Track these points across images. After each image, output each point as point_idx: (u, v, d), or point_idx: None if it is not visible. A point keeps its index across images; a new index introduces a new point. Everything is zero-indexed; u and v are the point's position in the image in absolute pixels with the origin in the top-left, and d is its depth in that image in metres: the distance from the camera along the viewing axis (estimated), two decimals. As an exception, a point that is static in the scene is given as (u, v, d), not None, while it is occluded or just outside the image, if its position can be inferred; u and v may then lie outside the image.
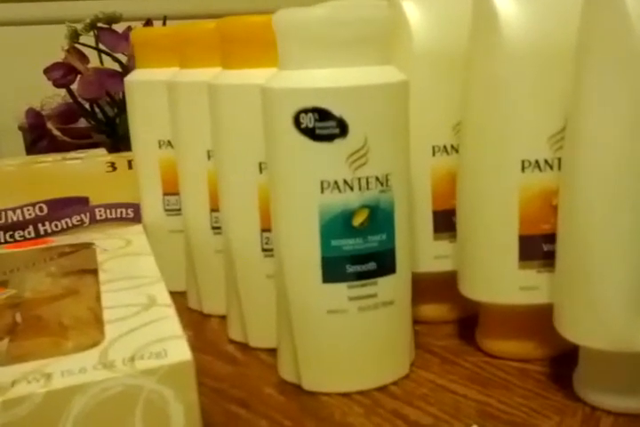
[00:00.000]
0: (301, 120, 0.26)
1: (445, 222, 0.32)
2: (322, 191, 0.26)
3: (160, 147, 0.39)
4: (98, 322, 0.25)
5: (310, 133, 0.26)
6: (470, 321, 0.32)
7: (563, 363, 0.29)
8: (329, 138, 0.26)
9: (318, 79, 0.26)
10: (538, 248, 0.28)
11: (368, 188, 0.27)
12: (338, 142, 0.26)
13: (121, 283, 0.29)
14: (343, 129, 0.26)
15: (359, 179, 0.26)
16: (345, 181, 0.26)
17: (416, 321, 0.33)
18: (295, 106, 0.26)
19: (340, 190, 0.26)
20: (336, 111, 0.26)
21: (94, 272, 0.31)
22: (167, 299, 0.27)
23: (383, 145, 0.27)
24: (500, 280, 0.29)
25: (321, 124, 0.26)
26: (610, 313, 0.24)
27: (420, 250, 0.33)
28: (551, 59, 0.27)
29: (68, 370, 0.21)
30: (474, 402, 0.27)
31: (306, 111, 0.26)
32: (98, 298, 0.28)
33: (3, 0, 0.71)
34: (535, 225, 0.28)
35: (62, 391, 0.20)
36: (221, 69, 0.31)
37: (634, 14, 0.22)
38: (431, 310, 0.34)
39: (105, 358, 0.22)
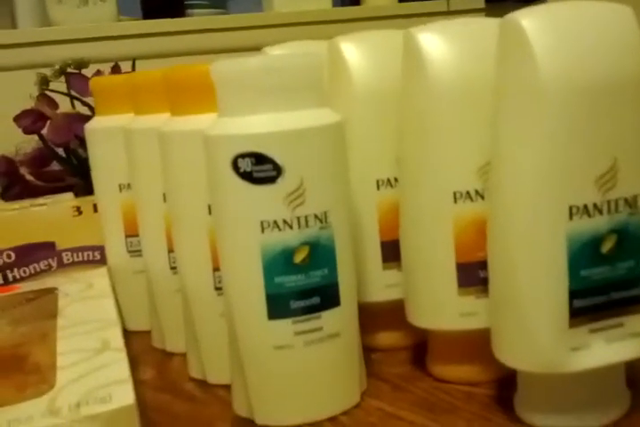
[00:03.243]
0: (239, 165, 0.27)
1: (394, 252, 0.33)
2: (262, 231, 0.27)
3: (121, 190, 0.40)
4: (52, 368, 0.26)
5: (248, 177, 0.27)
6: (424, 347, 0.33)
7: (509, 385, 0.29)
8: (266, 180, 0.27)
9: (253, 125, 0.27)
10: (475, 275, 0.29)
11: (307, 225, 0.28)
12: (275, 184, 0.27)
13: (78, 328, 0.30)
14: (279, 171, 0.27)
15: (298, 218, 0.28)
16: (284, 221, 0.27)
17: (372, 349, 0.35)
18: (232, 151, 0.27)
19: (279, 229, 0.27)
20: (271, 155, 0.27)
21: (55, 317, 0.32)
22: (120, 343, 0.28)
23: (320, 184, 0.28)
24: (440, 307, 0.30)
25: (258, 168, 0.27)
26: (537, 337, 0.25)
27: (370, 280, 0.34)
28: (475, 96, 0.28)
29: (16, 419, 0.22)
30: (420, 428, 0.27)
31: (243, 156, 0.27)
32: (55, 344, 0.29)
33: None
34: (471, 253, 0.29)
35: (8, 439, 0.21)
36: (170, 116, 0.33)
37: (540, 56, 0.24)
38: (386, 338, 0.35)
39: (53, 404, 0.23)
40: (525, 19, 0.24)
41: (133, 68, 0.65)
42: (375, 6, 0.92)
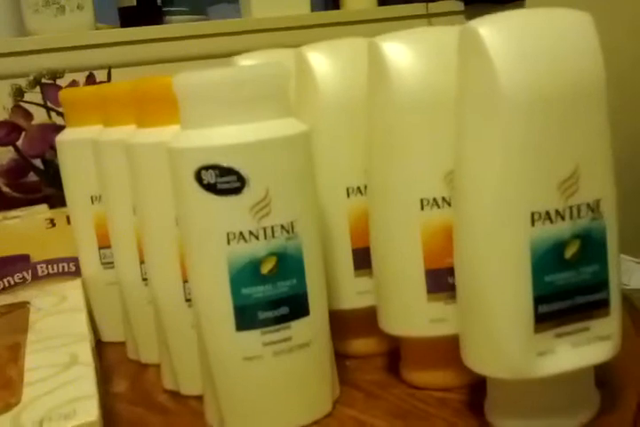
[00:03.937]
0: (203, 177, 0.27)
1: (365, 259, 0.33)
2: (228, 242, 0.27)
3: (93, 202, 0.40)
4: (20, 384, 0.26)
5: (212, 189, 0.27)
6: (399, 353, 0.33)
7: (481, 390, 0.30)
8: (231, 192, 0.27)
9: (216, 137, 0.27)
10: (444, 281, 0.30)
11: (274, 236, 0.28)
12: (240, 195, 0.27)
13: (47, 342, 0.30)
14: (243, 182, 0.27)
15: (264, 228, 0.28)
16: (250, 232, 0.27)
17: (346, 356, 0.35)
18: (196, 164, 0.27)
19: (246, 240, 0.27)
20: (235, 166, 0.27)
21: (25, 332, 0.32)
22: (89, 357, 0.28)
23: (285, 194, 0.28)
24: (410, 314, 0.30)
25: (222, 180, 0.27)
26: (503, 343, 0.25)
27: (343, 287, 0.34)
28: (440, 104, 0.28)
29: (-22, 437, 0.22)
30: (391, 436, 0.27)
31: (206, 168, 0.27)
32: (23, 360, 0.29)
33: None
34: (439, 259, 0.29)
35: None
36: (136, 128, 0.33)
37: (498, 64, 0.24)
38: (360, 345, 0.35)
39: (17, 421, 0.23)
40: (483, 27, 0.24)
41: (109, 77, 0.64)
42: (354, 10, 0.92)
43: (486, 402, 0.28)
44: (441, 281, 0.30)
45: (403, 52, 0.29)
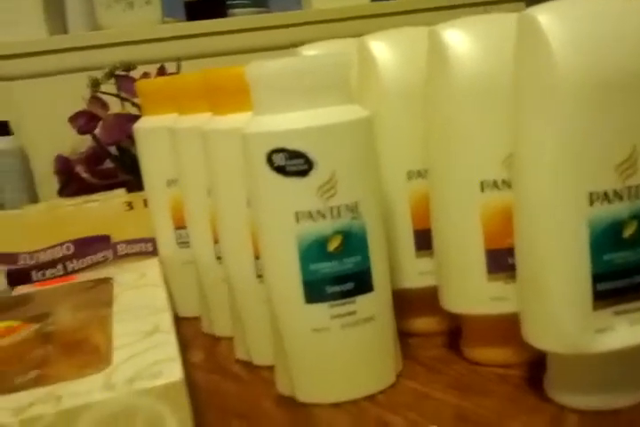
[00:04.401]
0: (273, 159, 0.29)
1: (427, 240, 0.35)
2: (297, 221, 0.29)
3: (169, 186, 0.42)
4: (109, 349, 0.29)
5: (282, 171, 0.29)
6: (459, 332, 0.35)
7: (540, 366, 0.30)
8: (299, 173, 0.29)
9: (286, 122, 0.29)
10: (504, 261, 0.31)
11: (340, 215, 0.29)
12: (307, 177, 0.29)
13: (131, 313, 0.33)
14: (311, 165, 0.29)
15: (330, 208, 0.29)
16: (318, 211, 0.29)
17: (409, 334, 0.36)
18: (267, 147, 0.29)
19: (313, 219, 0.29)
20: (303, 149, 0.29)
21: (110, 305, 0.35)
22: (169, 326, 0.31)
23: (350, 176, 0.30)
24: (471, 292, 0.31)
25: (291, 162, 0.29)
26: (562, 319, 0.26)
27: (404, 267, 0.35)
28: (499, 89, 0.29)
29: (76, 392, 0.25)
30: (451, 407, 0.29)
31: (276, 151, 0.29)
32: (111, 327, 0.31)
33: (26, 55, 0.77)
34: (499, 240, 0.30)
35: (70, 411, 0.24)
36: (211, 115, 0.35)
37: (556, 50, 0.25)
38: (422, 324, 0.37)
39: (109, 380, 0.25)
40: (542, 14, 0.25)
41: (178, 69, 0.67)
42: (413, 0, 0.92)
43: (546, 378, 0.29)
44: (501, 261, 0.31)
45: (462, 39, 0.30)
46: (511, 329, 0.31)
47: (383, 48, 0.34)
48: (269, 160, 0.29)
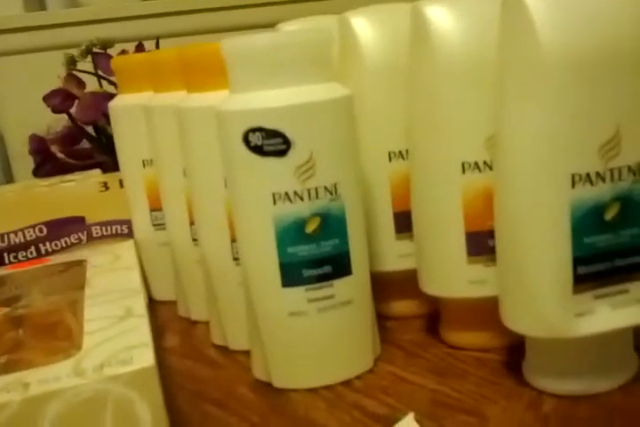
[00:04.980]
0: (250, 139, 0.28)
1: (407, 223, 0.34)
2: (274, 203, 0.28)
3: (144, 166, 0.41)
4: (80, 334, 0.28)
5: (259, 150, 0.28)
6: (438, 316, 0.34)
7: (519, 351, 0.30)
8: (277, 153, 0.28)
9: (263, 100, 0.28)
10: (484, 244, 0.30)
11: (317, 197, 0.29)
12: (285, 157, 0.28)
13: (104, 297, 0.32)
14: (289, 144, 0.28)
15: (308, 189, 0.29)
16: (295, 193, 0.28)
17: (387, 317, 0.36)
18: (243, 126, 0.28)
19: (291, 201, 0.28)
20: (280, 129, 0.28)
21: (83, 288, 0.34)
22: (142, 310, 0.30)
23: (329, 157, 0.29)
24: (450, 275, 0.31)
25: (268, 142, 0.28)
26: (542, 303, 0.26)
27: (384, 250, 0.35)
28: (482, 67, 0.29)
29: (44, 379, 0.24)
30: (429, 391, 0.28)
31: (253, 130, 0.28)
32: (82, 312, 0.31)
33: (1, 31, 0.75)
34: (480, 222, 0.30)
35: (37, 398, 0.23)
36: (186, 93, 0.34)
37: (540, 26, 0.24)
38: (401, 307, 0.36)
39: (78, 366, 0.25)
40: (527, -11, 0.24)
41: (157, 47, 0.66)
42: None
43: (524, 362, 0.29)
44: (481, 244, 0.30)
45: (445, 15, 0.29)
46: (490, 313, 0.30)
47: (365, 25, 0.34)
48: (246, 139, 0.28)
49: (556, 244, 0.25)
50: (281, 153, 0.28)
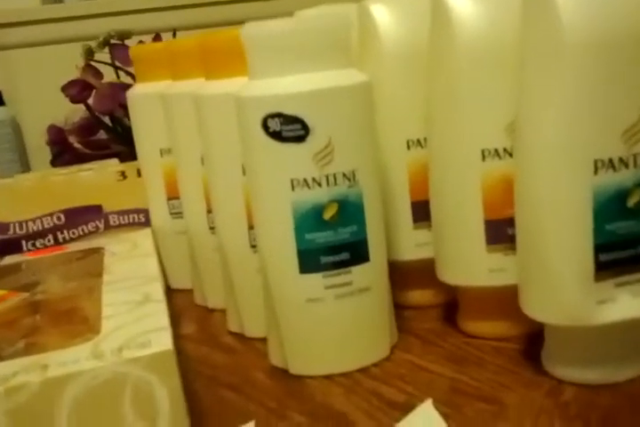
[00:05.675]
0: (269, 124, 0.28)
1: (424, 212, 0.34)
2: (292, 189, 0.28)
3: (162, 155, 0.41)
4: (98, 318, 0.28)
5: (278, 136, 0.28)
6: (456, 305, 0.34)
7: (537, 340, 0.30)
8: (295, 139, 0.28)
9: (281, 86, 0.28)
10: (503, 232, 0.30)
11: (336, 183, 0.29)
12: (304, 143, 0.28)
13: (122, 283, 0.32)
14: (307, 130, 0.28)
15: (327, 176, 0.28)
16: (313, 179, 0.28)
17: (405, 306, 0.36)
18: (262, 112, 0.28)
19: (309, 187, 0.28)
20: (299, 114, 0.28)
21: (101, 275, 0.34)
22: (160, 296, 0.30)
23: (347, 143, 0.29)
24: (469, 264, 0.31)
25: (287, 128, 0.28)
26: (563, 290, 0.25)
27: (402, 239, 0.35)
28: (502, 54, 0.28)
29: (63, 361, 0.24)
30: (447, 379, 0.28)
31: (272, 116, 0.28)
32: (100, 297, 0.31)
33: (19, 24, 0.76)
34: (499, 210, 0.30)
35: (56, 380, 0.23)
36: (204, 80, 0.34)
37: (562, 12, 0.24)
38: (418, 296, 0.36)
39: (97, 349, 0.25)
40: (550, -28, 0.24)
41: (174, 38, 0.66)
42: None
43: (543, 351, 0.28)
44: (500, 232, 0.30)
45: (465, 1, 0.29)
46: (509, 302, 0.30)
47: (384, 12, 0.33)
48: (265, 125, 0.28)
49: (578, 231, 0.25)
50: (299, 139, 0.28)
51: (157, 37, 0.64)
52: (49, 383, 0.23)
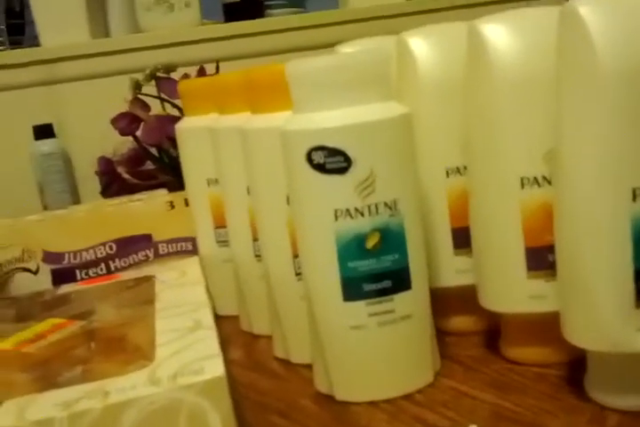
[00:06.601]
0: (313, 157, 0.29)
1: (465, 239, 0.35)
2: (336, 219, 0.29)
3: (209, 185, 0.43)
4: (152, 346, 0.29)
5: (321, 168, 0.29)
6: (498, 331, 0.34)
7: (579, 366, 0.30)
8: (338, 171, 0.29)
9: (325, 120, 0.29)
10: (544, 259, 0.30)
11: (378, 213, 0.30)
12: (346, 174, 0.29)
13: (173, 310, 0.34)
14: (350, 162, 0.29)
15: (369, 206, 0.29)
16: (356, 209, 0.29)
17: (447, 333, 0.36)
18: (306, 145, 0.29)
19: (352, 217, 0.29)
20: (342, 147, 0.29)
21: (152, 302, 0.36)
22: (210, 322, 0.31)
23: (388, 173, 0.30)
24: (510, 290, 0.31)
25: (330, 160, 0.29)
26: (604, 317, 0.26)
27: (442, 266, 0.35)
28: (539, 83, 0.29)
29: (122, 388, 0.25)
30: (490, 405, 0.29)
31: (316, 149, 0.29)
32: (153, 324, 0.32)
33: (69, 58, 0.79)
34: (539, 237, 0.30)
35: (116, 405, 0.24)
36: (250, 114, 0.35)
37: (597, 41, 0.24)
38: (460, 322, 0.36)
39: (153, 376, 0.26)
40: (584, 6, 0.25)
41: (217, 70, 0.68)
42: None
43: (586, 377, 0.29)
44: (541, 259, 0.30)
45: (502, 33, 0.30)
46: (550, 328, 0.31)
47: (421, 44, 0.34)
48: (309, 158, 0.29)
49: (617, 258, 0.25)
50: (342, 170, 0.29)
51: (202, 70, 0.66)
52: (110, 409, 0.24)
